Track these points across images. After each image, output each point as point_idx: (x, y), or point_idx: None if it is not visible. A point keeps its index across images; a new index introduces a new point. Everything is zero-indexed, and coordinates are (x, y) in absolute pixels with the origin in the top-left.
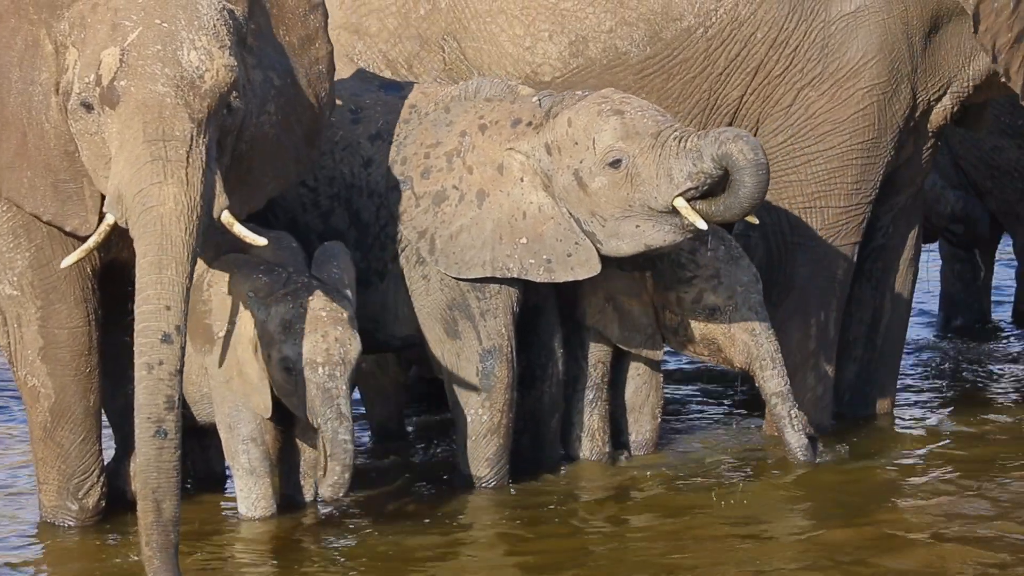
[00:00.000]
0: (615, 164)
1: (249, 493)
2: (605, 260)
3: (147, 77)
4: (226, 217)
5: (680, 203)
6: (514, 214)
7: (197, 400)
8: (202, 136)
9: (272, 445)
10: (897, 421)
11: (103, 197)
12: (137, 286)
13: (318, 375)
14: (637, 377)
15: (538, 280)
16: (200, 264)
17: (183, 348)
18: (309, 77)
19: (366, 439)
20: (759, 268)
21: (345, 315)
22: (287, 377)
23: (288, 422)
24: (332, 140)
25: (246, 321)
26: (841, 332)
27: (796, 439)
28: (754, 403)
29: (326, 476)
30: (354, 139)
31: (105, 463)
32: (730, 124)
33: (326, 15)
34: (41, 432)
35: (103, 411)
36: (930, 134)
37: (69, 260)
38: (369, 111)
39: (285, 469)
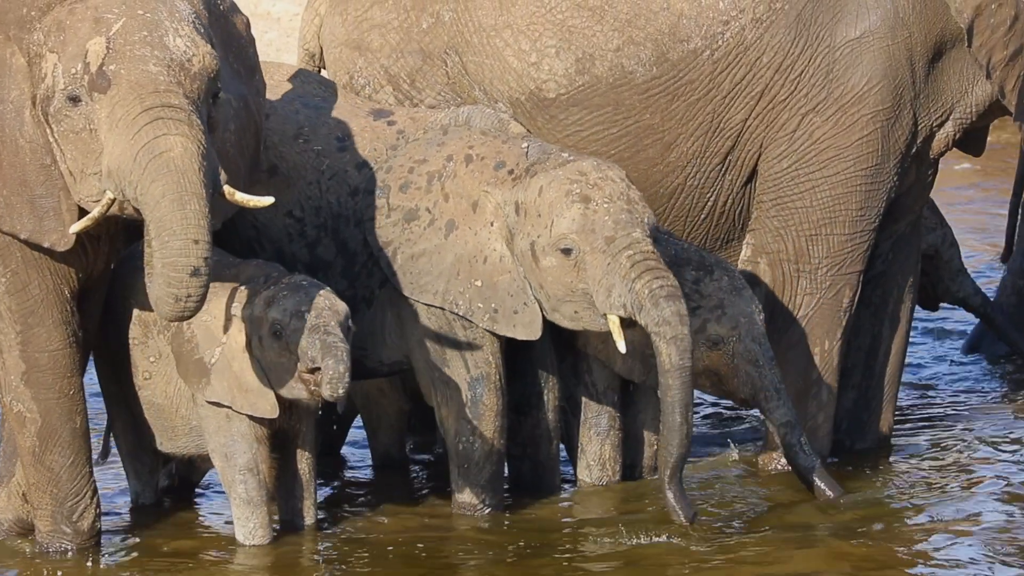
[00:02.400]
0: (566, 251)
1: (247, 522)
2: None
3: (137, 59)
4: (227, 188)
5: (612, 321)
6: (476, 255)
7: (186, 432)
8: (196, 114)
9: (268, 474)
10: (895, 449)
11: (80, 211)
12: (155, 227)
13: (305, 320)
14: (640, 404)
15: (481, 325)
16: (131, 295)
17: (208, 277)
18: (255, 105)
19: (368, 466)
20: (766, 295)
21: (328, 288)
22: (279, 346)
23: (284, 449)
24: (319, 169)
25: (235, 335)
26: None
27: (808, 466)
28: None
29: (323, 376)
30: (341, 168)
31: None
32: (733, 147)
33: (257, 50)
34: (31, 457)
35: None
36: (931, 160)
37: (75, 227)
38: (357, 138)
39: (283, 495)
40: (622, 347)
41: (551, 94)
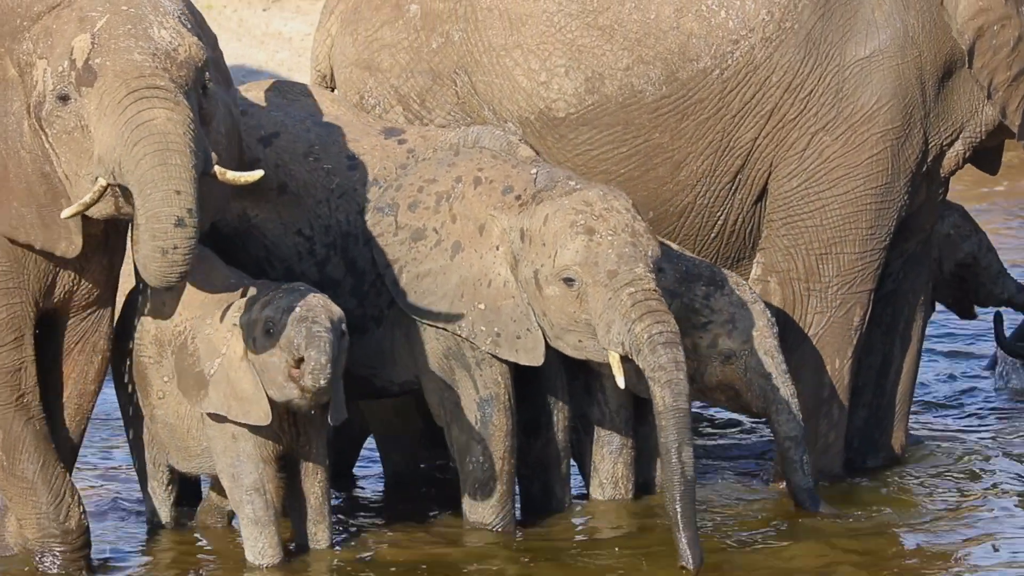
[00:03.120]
0: (568, 282)
1: (256, 542)
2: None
3: (122, 50)
4: (218, 169)
5: (612, 356)
6: (480, 278)
7: (199, 453)
8: (184, 97)
9: (275, 494)
10: (906, 467)
11: (84, 218)
12: (137, 185)
13: (295, 313)
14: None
15: (483, 349)
16: (169, 313)
17: (196, 234)
18: (235, 117)
19: (380, 485)
20: (776, 314)
21: (324, 296)
22: (270, 342)
23: (296, 473)
24: (328, 188)
25: (234, 345)
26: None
27: (804, 484)
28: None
29: (305, 365)
30: (351, 186)
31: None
32: (743, 166)
33: None
34: (2, 473)
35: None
36: (942, 180)
37: (67, 212)
38: (367, 157)
39: (297, 519)
40: (621, 383)
41: (560, 113)
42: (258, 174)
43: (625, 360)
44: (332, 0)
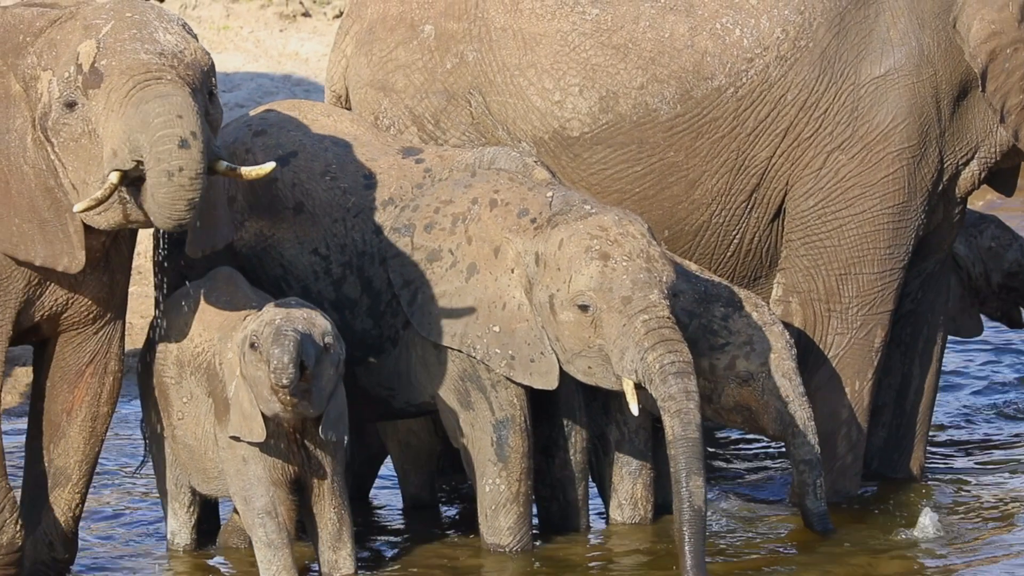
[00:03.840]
0: (583, 308)
1: (269, 565)
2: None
3: (128, 52)
4: (223, 166)
5: (626, 383)
6: (495, 301)
7: (215, 476)
8: (193, 96)
9: (288, 516)
10: (925, 487)
11: (87, 229)
12: (140, 123)
13: (274, 325)
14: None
15: (498, 371)
16: (173, 334)
17: (202, 154)
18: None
19: (398, 507)
20: (797, 334)
21: (318, 311)
22: (255, 356)
23: (313, 499)
24: (345, 207)
25: (234, 358)
26: None
27: (816, 508)
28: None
29: (269, 367)
30: (367, 205)
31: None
32: (758, 184)
33: None
34: None
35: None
36: (958, 199)
37: (80, 207)
38: (384, 176)
39: (319, 547)
40: (634, 409)
41: (575, 132)
42: (269, 166)
43: (640, 387)
44: (347, 21)
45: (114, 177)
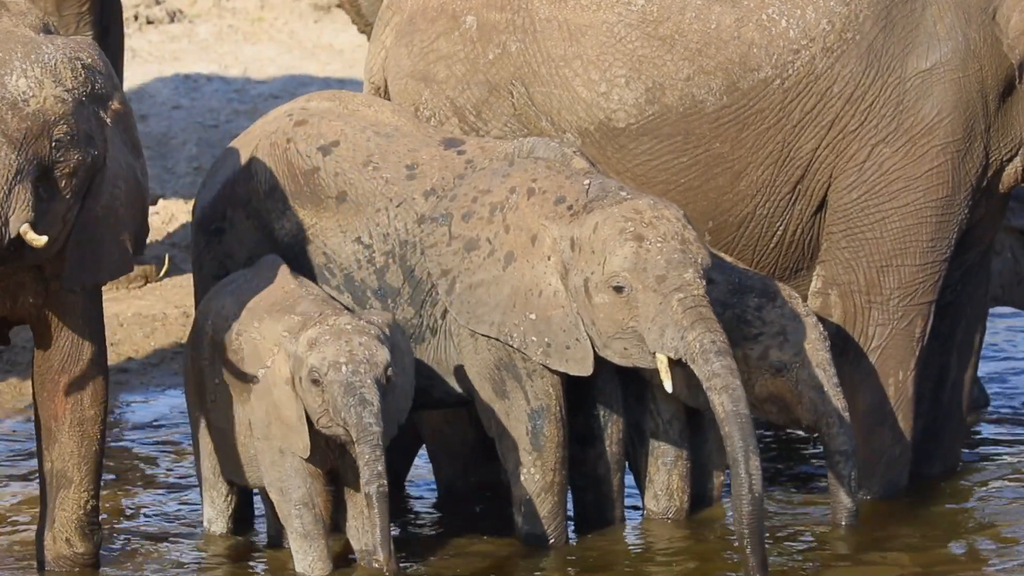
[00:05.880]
0: (618, 289)
1: (305, 556)
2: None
3: None
4: (24, 229)
5: (661, 360)
6: (532, 288)
7: (247, 462)
8: (15, 154)
9: (324, 507)
10: (962, 479)
11: None
12: None
13: (342, 373)
14: (707, 433)
15: (534, 359)
16: (227, 314)
17: None
18: (141, 183)
19: (433, 497)
20: (837, 327)
21: (373, 330)
22: (316, 391)
23: (348, 489)
24: (387, 196)
25: (280, 363)
26: None
27: (847, 502)
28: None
29: (360, 467)
30: (408, 195)
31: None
32: (803, 176)
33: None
34: None
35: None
36: (1001, 195)
37: None
38: (425, 167)
39: (356, 537)
40: (668, 387)
41: (621, 124)
42: (43, 240)
43: (674, 366)
44: (386, 12)
45: None
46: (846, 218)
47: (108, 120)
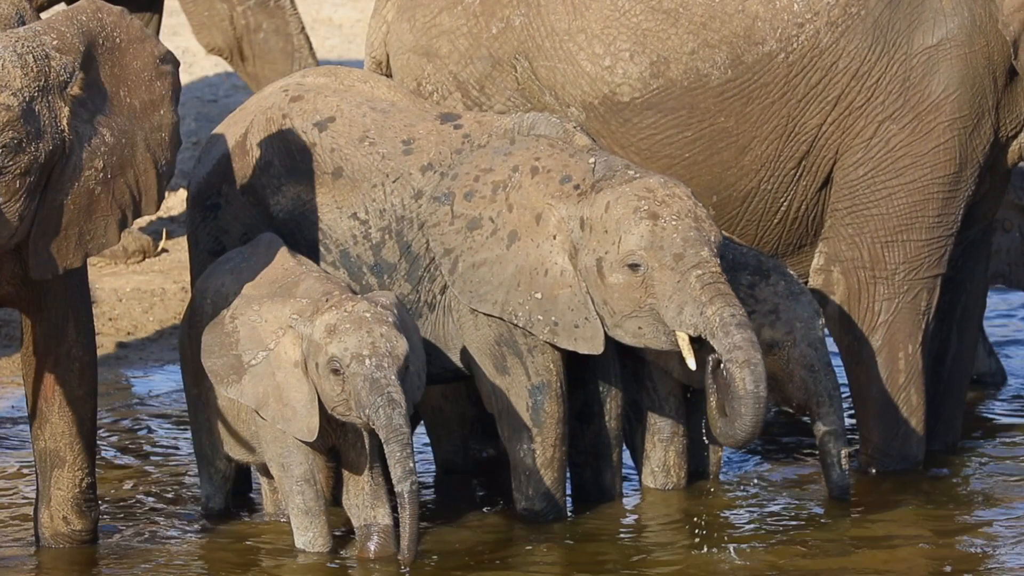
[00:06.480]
0: (634, 267)
1: (306, 531)
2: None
3: None
4: None
5: (682, 338)
6: (537, 267)
7: (247, 438)
8: None
9: (325, 483)
10: (961, 455)
11: None
12: None
13: (365, 367)
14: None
15: (541, 337)
16: (227, 292)
17: None
18: (149, 142)
19: (431, 472)
20: (839, 306)
21: (390, 318)
22: (335, 380)
23: (346, 465)
24: (383, 172)
25: (287, 346)
26: None
27: (840, 480)
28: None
29: (391, 465)
30: (405, 170)
31: None
32: (808, 152)
33: (175, 85)
34: None
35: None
36: (1005, 171)
37: None
38: (422, 142)
39: (355, 512)
40: (692, 364)
41: (625, 98)
42: None
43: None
44: None
45: None
46: (852, 195)
47: (71, 105)
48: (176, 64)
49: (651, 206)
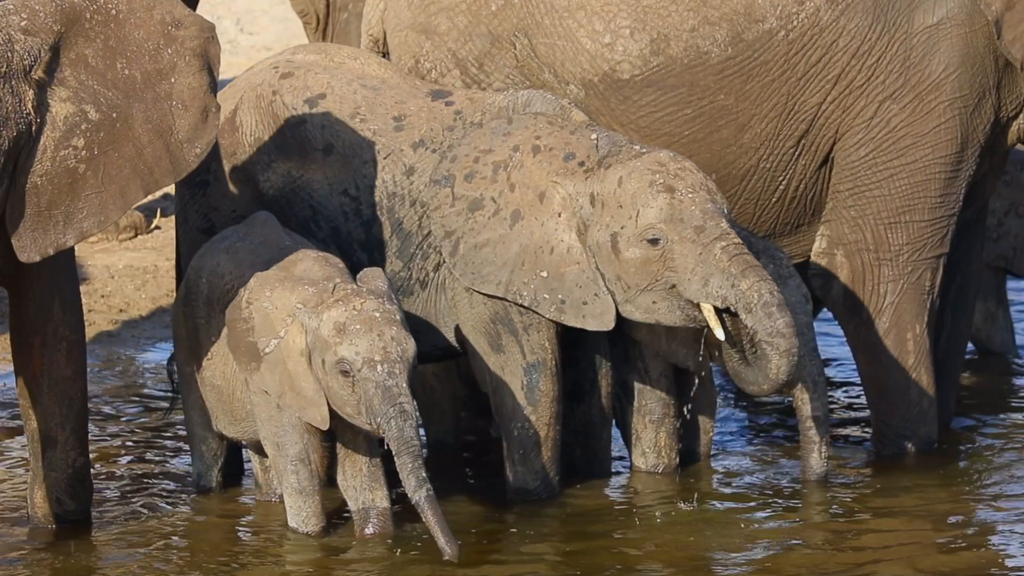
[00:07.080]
0: (653, 241)
1: (299, 511)
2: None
3: None
4: None
5: (707, 310)
6: (542, 246)
7: (243, 417)
8: None
9: (320, 463)
10: (954, 435)
11: None
12: None
13: (377, 373)
14: (694, 390)
15: (547, 316)
16: (236, 283)
17: None
18: (151, 114)
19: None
20: (843, 288)
21: (398, 316)
22: (344, 381)
23: (342, 444)
24: (374, 149)
25: (295, 334)
26: None
27: (818, 466)
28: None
29: (403, 477)
30: (396, 147)
31: None
32: (807, 131)
33: (198, 49)
34: None
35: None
36: (1004, 152)
37: None
38: (413, 118)
39: (351, 494)
40: (720, 335)
41: (625, 75)
42: None
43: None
44: None
45: None
46: (853, 176)
47: (35, 88)
48: (202, 27)
49: (666, 179)
